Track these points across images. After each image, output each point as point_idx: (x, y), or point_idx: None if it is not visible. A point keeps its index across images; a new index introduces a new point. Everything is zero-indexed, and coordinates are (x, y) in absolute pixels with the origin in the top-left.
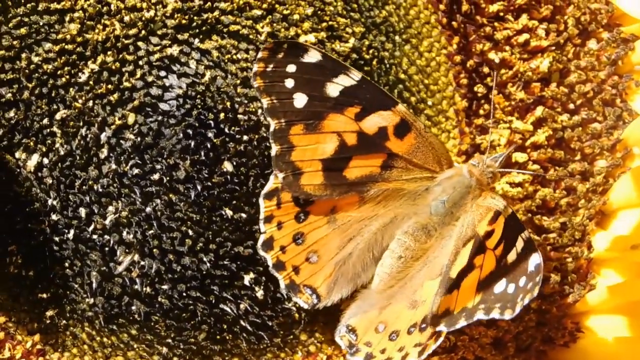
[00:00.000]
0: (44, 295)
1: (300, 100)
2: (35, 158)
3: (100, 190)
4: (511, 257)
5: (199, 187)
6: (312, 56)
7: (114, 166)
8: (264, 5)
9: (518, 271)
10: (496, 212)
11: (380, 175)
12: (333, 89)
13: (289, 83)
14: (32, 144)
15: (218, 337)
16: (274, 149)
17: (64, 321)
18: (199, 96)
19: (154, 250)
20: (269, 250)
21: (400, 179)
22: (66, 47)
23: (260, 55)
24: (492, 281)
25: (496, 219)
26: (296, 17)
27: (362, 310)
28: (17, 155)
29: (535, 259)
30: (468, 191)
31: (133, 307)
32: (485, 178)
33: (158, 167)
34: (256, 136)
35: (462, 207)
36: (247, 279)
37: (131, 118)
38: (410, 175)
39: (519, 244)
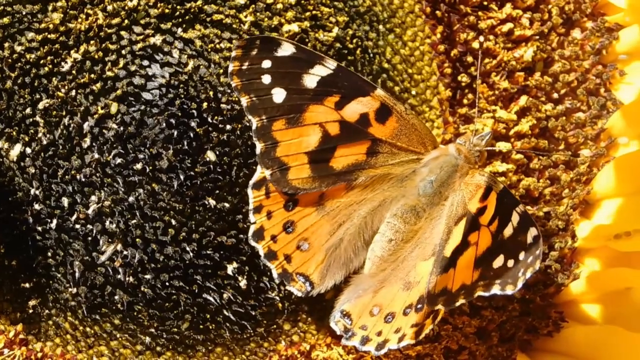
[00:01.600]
0: (27, 285)
1: (279, 95)
2: (17, 147)
3: (83, 179)
4: (507, 231)
5: (181, 177)
6: (286, 49)
7: (96, 156)
8: None
9: (516, 245)
10: (487, 189)
11: (366, 162)
12: (310, 80)
13: (266, 79)
14: (14, 133)
15: (201, 326)
16: (258, 147)
17: (47, 311)
18: (181, 85)
19: (137, 239)
20: (259, 241)
21: (387, 163)
22: (49, 36)
23: (234, 53)
24: (489, 257)
25: (487, 195)
26: (280, 6)
27: (356, 295)
28: None
29: (533, 231)
30: (455, 170)
31: (116, 297)
32: (473, 156)
33: (141, 156)
34: (239, 125)
35: (450, 186)
36: (230, 268)
37: (114, 107)
38: (396, 159)
39: (514, 218)
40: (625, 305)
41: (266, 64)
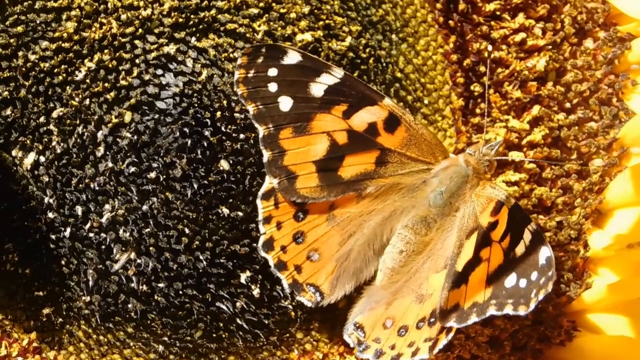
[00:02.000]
0: (41, 293)
1: (285, 103)
2: (31, 156)
3: (97, 188)
4: (519, 249)
5: (195, 186)
6: (292, 57)
7: (110, 164)
8: (261, 4)
9: (528, 265)
10: (498, 203)
11: (375, 172)
12: (317, 89)
13: (272, 87)
14: (28, 142)
15: (214, 335)
16: (266, 155)
17: (60, 319)
18: (195, 94)
19: (151, 248)
20: (269, 251)
21: (396, 173)
22: (63, 45)
23: (239, 61)
24: (502, 275)
25: (499, 210)
26: (293, 15)
27: (369, 307)
28: (13, 153)
29: (545, 252)
30: (465, 180)
31: (129, 305)
32: (482, 166)
33: (155, 165)
34: (252, 135)
35: (460, 197)
36: (244, 277)
37: (128, 116)
38: (406, 169)
39: (527, 236)
40: (638, 315)
41: (272, 72)
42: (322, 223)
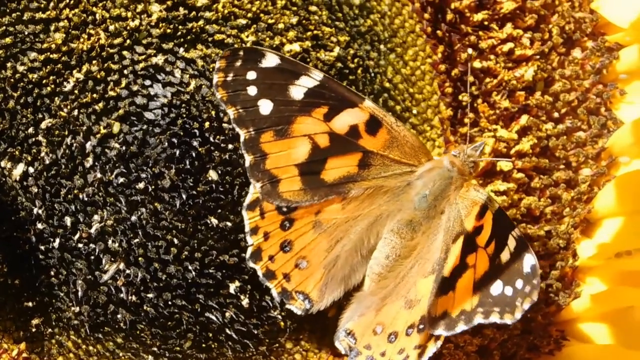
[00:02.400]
0: (30, 304)
1: (265, 106)
2: (20, 167)
3: (86, 199)
4: (504, 256)
5: (184, 196)
6: (271, 60)
7: (99, 175)
8: (249, 15)
9: (513, 272)
10: (483, 207)
11: (358, 175)
12: (297, 92)
13: (252, 90)
14: (17, 153)
15: (204, 345)
16: (247, 159)
17: (50, 329)
18: (184, 105)
19: (140, 258)
20: (257, 261)
21: (380, 176)
22: (51, 56)
23: (218, 65)
24: (487, 282)
25: (484, 214)
26: (281, 26)
27: (359, 313)
28: (2, 164)
29: (530, 259)
30: (450, 182)
31: (119, 316)
32: (467, 168)
33: (143, 175)
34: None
35: (445, 200)
36: (233, 287)
37: (116, 127)
38: (389, 171)
39: (511, 242)
40: (627, 324)
41: (251, 75)
42: (308, 231)
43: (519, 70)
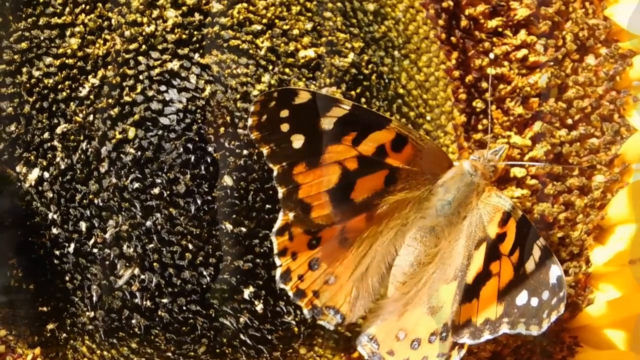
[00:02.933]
0: (45, 309)
1: (298, 141)
2: (35, 172)
3: (101, 204)
4: (529, 266)
5: (199, 201)
6: (303, 97)
7: (114, 180)
8: (264, 20)
9: (539, 283)
10: (505, 214)
11: (385, 190)
12: (327, 123)
13: (285, 128)
14: (32, 157)
15: (218, 350)
16: (280, 192)
17: (65, 334)
18: (199, 110)
19: (154, 264)
20: (287, 282)
21: (405, 188)
22: (67, 61)
23: (252, 108)
24: (513, 292)
25: (507, 221)
26: (296, 32)
27: (382, 319)
28: (17, 169)
29: (556, 270)
30: (472, 187)
31: (133, 321)
32: (488, 172)
33: (158, 181)
34: (256, 151)
35: (467, 205)
36: (247, 292)
37: (131, 132)
38: (414, 182)
39: (536, 252)
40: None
41: (284, 113)
42: (336, 247)
43: (533, 76)
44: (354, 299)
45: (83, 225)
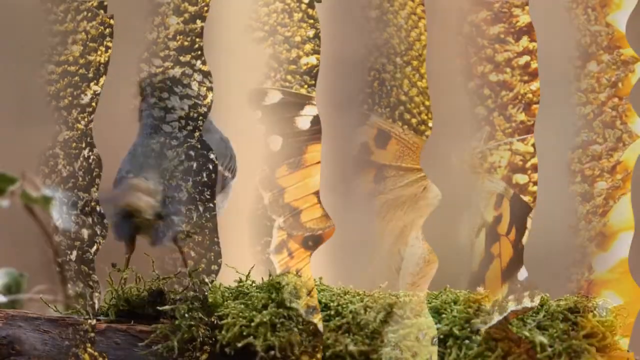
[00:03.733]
0: None
1: (275, 142)
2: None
3: (103, 211)
4: (525, 240)
5: (200, 209)
6: (273, 96)
7: None
8: (266, 27)
9: None
10: (499, 195)
11: (376, 190)
12: (303, 122)
13: (260, 130)
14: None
15: None
16: (266, 197)
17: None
18: (201, 118)
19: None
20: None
21: (396, 187)
22: (69, 68)
23: None
24: (514, 269)
25: (501, 203)
26: (298, 39)
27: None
28: None
29: None
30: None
31: None
32: (476, 159)
33: (160, 188)
34: None
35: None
36: None
37: None
38: (405, 180)
39: (529, 224)
40: None
41: (257, 115)
42: None
43: (535, 83)
44: None
45: (85, 233)
